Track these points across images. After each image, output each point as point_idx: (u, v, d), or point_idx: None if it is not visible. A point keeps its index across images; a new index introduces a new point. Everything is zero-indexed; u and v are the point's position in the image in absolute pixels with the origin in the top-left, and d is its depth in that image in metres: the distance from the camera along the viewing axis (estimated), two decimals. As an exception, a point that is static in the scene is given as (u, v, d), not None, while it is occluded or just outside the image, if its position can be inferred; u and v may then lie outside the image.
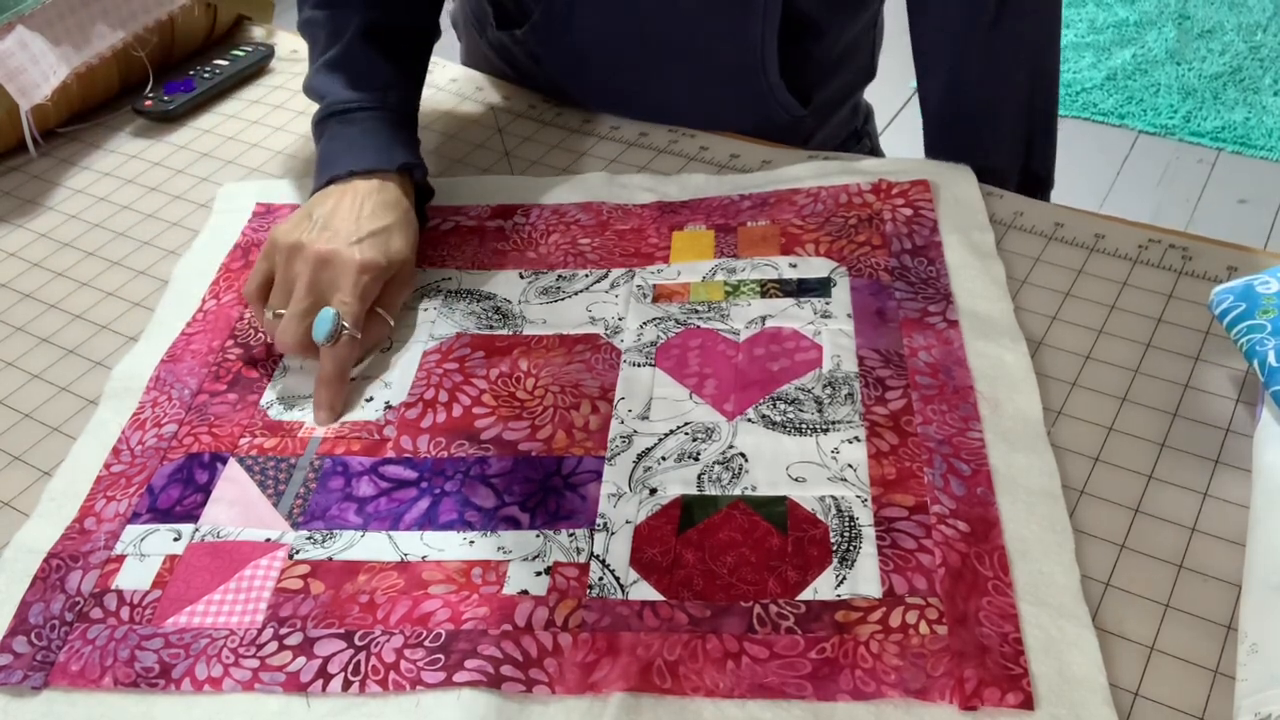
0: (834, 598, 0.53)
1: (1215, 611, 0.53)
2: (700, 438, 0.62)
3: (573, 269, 0.75)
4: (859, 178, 0.79)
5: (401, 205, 0.72)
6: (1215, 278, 0.71)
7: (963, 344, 0.66)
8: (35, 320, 0.77)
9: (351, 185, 0.72)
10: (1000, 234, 0.75)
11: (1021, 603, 0.53)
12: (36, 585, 0.57)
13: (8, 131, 0.92)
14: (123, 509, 0.61)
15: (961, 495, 0.57)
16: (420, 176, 0.76)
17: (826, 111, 0.94)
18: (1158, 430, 0.62)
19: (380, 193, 0.72)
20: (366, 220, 0.69)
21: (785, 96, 0.87)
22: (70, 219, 0.86)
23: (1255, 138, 2.27)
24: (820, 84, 0.91)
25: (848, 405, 0.63)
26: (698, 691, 0.50)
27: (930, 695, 0.49)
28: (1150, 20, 2.64)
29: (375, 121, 0.76)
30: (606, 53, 0.88)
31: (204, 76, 0.99)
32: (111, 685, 0.53)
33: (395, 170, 0.73)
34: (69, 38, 0.90)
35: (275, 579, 0.57)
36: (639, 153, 0.87)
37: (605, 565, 0.56)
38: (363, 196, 0.71)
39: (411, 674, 0.52)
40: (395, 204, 0.72)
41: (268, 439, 0.64)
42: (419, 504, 0.60)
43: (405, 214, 0.72)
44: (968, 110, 0.86)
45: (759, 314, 0.69)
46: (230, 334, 0.72)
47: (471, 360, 0.68)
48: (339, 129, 0.76)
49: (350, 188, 0.71)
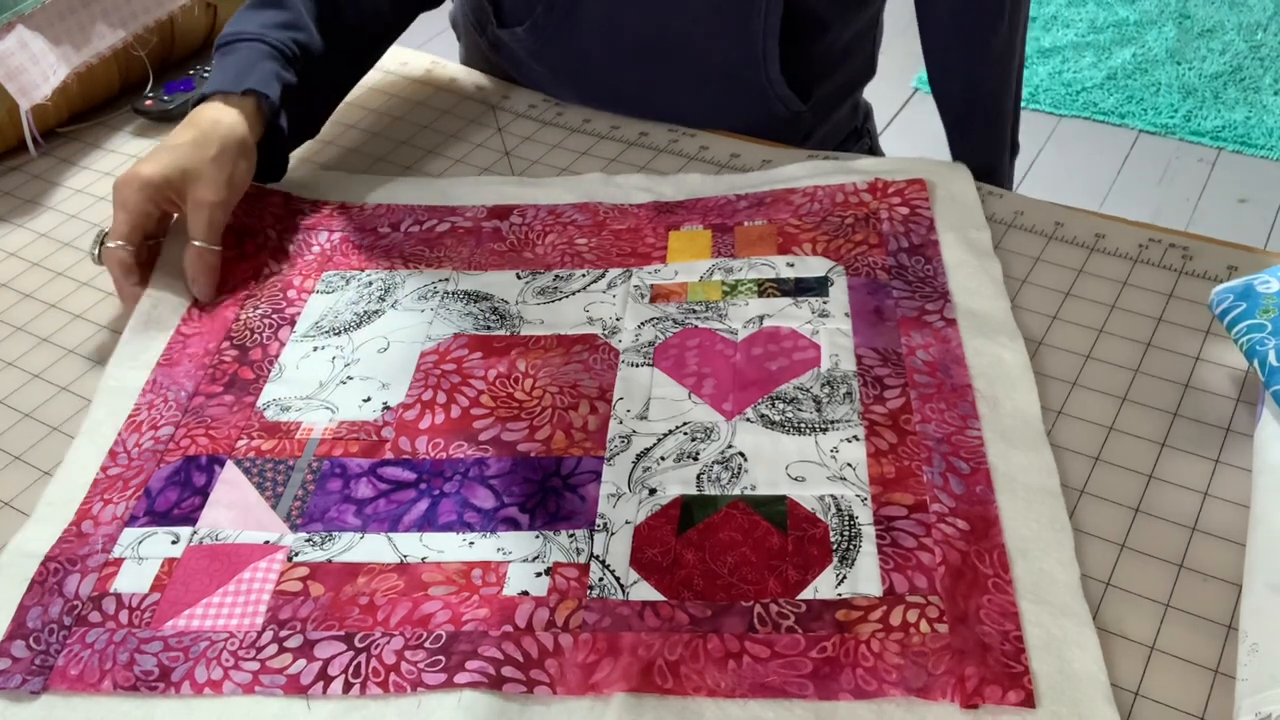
0: (834, 597, 0.53)
1: (1215, 611, 0.53)
2: (699, 437, 0.62)
3: (570, 269, 0.75)
4: (855, 177, 0.79)
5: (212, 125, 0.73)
6: (1215, 277, 0.71)
7: (960, 342, 0.66)
8: (35, 320, 0.77)
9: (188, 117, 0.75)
10: (1000, 233, 0.75)
11: (1022, 601, 0.53)
12: (34, 589, 0.57)
13: (8, 131, 0.92)
14: (120, 512, 0.61)
15: (961, 493, 0.57)
16: (267, 107, 0.77)
17: (827, 108, 0.94)
18: (1158, 430, 0.62)
19: (203, 113, 0.74)
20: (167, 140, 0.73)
21: (785, 92, 0.88)
22: (70, 219, 0.86)
23: (1256, 137, 2.26)
24: (820, 80, 0.91)
25: (846, 404, 0.63)
26: (699, 691, 0.50)
27: (932, 694, 0.49)
28: (1151, 20, 2.64)
29: (250, 51, 0.77)
30: (608, 48, 0.88)
31: (204, 76, 0.99)
32: (111, 689, 0.53)
33: (240, 94, 0.75)
34: (69, 38, 0.90)
35: (274, 581, 0.57)
36: (639, 152, 0.87)
37: (605, 566, 0.56)
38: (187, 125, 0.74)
39: (412, 675, 0.52)
40: (205, 122, 0.73)
41: (265, 441, 0.64)
42: (418, 505, 0.60)
43: (207, 133, 0.73)
44: (983, 107, 0.91)
45: (757, 313, 0.69)
46: (226, 335, 0.72)
47: (469, 361, 0.68)
48: (218, 60, 0.79)
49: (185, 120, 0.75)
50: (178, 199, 0.72)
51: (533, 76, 0.96)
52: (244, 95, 0.75)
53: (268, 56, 0.78)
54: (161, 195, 0.72)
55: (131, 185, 0.70)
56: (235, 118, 0.74)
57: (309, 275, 0.76)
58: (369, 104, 0.96)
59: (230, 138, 0.74)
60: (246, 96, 0.75)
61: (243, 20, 0.80)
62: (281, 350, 0.70)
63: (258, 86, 0.75)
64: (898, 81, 2.47)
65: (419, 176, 0.87)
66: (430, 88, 0.97)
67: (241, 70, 0.76)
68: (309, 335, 0.71)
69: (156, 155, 0.72)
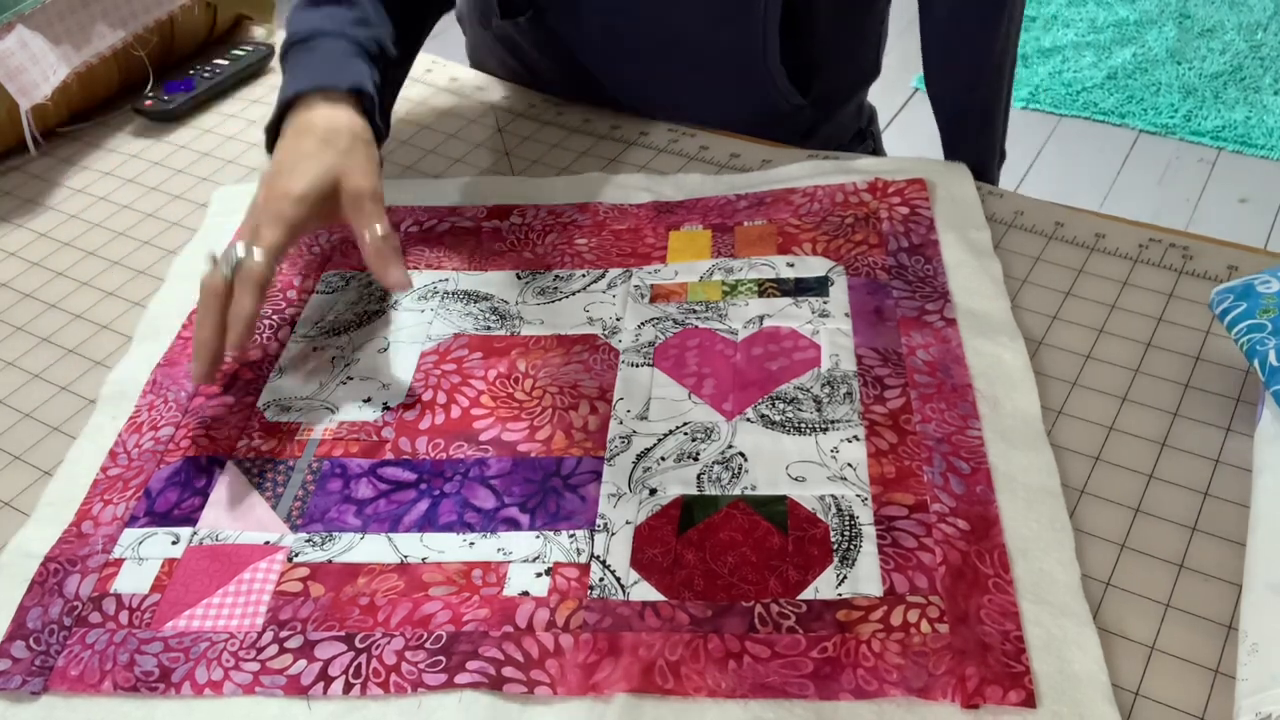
0: (835, 597, 0.53)
1: (1215, 611, 0.53)
2: (699, 437, 0.62)
3: (570, 269, 0.75)
4: (855, 177, 0.79)
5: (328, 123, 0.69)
6: (1215, 277, 0.71)
7: (960, 342, 0.66)
8: (35, 320, 0.77)
9: (295, 122, 0.69)
10: (1001, 233, 0.75)
11: (1022, 601, 0.53)
12: (34, 590, 0.57)
13: (8, 131, 0.92)
14: (120, 513, 0.61)
15: (961, 493, 0.57)
16: (370, 106, 0.72)
17: (830, 106, 0.95)
18: (1158, 430, 0.62)
19: (313, 115, 0.69)
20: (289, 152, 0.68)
21: (785, 84, 0.88)
22: (70, 219, 0.86)
23: (1256, 137, 2.26)
24: (819, 74, 0.91)
25: (846, 404, 0.63)
26: (700, 692, 0.50)
27: (932, 694, 0.49)
28: (1151, 19, 2.64)
29: (336, 47, 0.73)
30: (611, 38, 0.89)
31: (204, 76, 0.99)
32: (111, 690, 0.53)
33: (344, 91, 0.70)
34: (69, 37, 0.90)
35: (275, 582, 0.57)
36: (639, 152, 0.87)
37: (606, 566, 0.56)
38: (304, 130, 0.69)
39: (413, 676, 0.52)
40: (320, 122, 0.69)
41: (265, 441, 0.64)
42: (418, 505, 0.60)
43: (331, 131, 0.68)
44: (979, 107, 0.90)
45: (757, 313, 0.69)
46: (229, 335, 0.72)
47: (469, 361, 0.68)
48: (298, 56, 0.73)
49: (293, 126, 0.69)
50: (331, 205, 0.68)
51: (537, 67, 0.96)
52: (348, 93, 0.70)
53: (355, 55, 0.73)
54: (319, 204, 0.67)
55: (287, 200, 0.65)
56: (349, 114, 0.70)
57: (309, 275, 0.76)
58: (369, 104, 0.96)
59: (354, 130, 0.69)
60: (349, 94, 0.71)
61: (310, 18, 0.75)
62: (281, 350, 0.70)
63: (361, 84, 0.71)
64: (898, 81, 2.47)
65: (419, 176, 0.87)
66: (430, 87, 0.97)
67: (335, 67, 0.72)
68: (309, 335, 0.71)
69: (297, 169, 0.66)
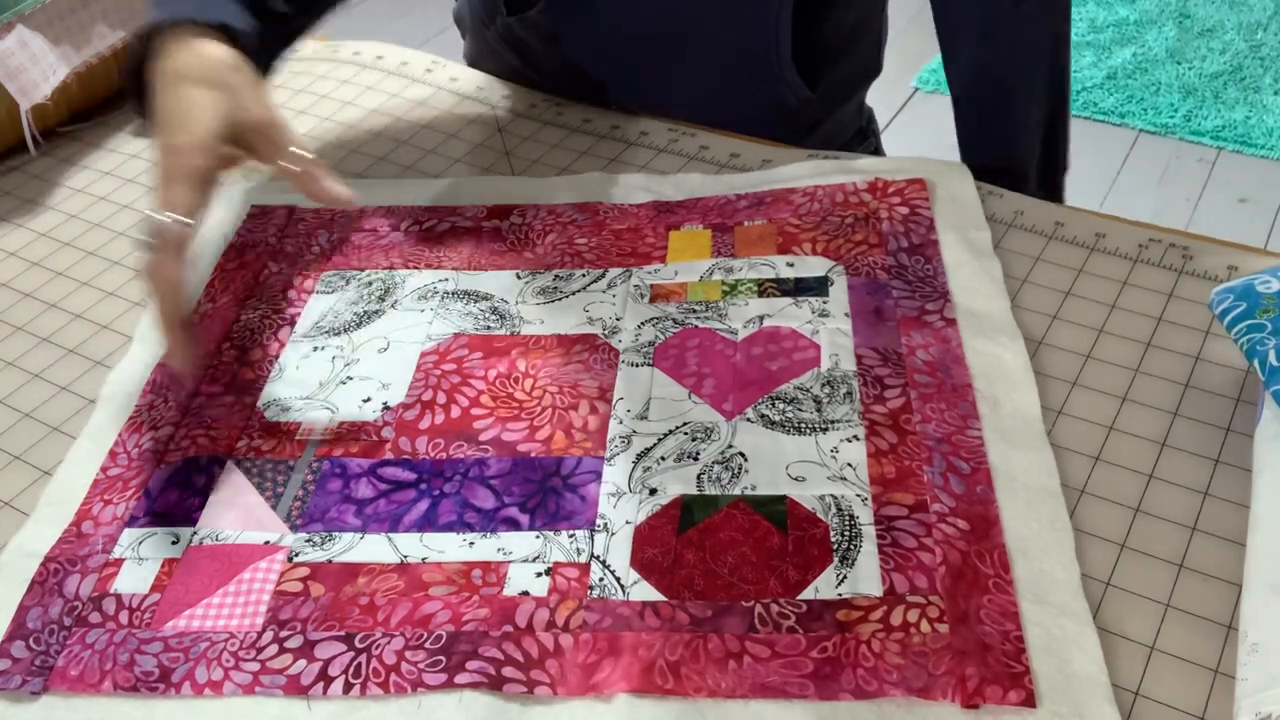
0: (835, 597, 0.53)
1: (1215, 611, 0.53)
2: (699, 437, 0.62)
3: (570, 269, 0.75)
4: (855, 177, 0.79)
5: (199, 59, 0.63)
6: (1215, 277, 0.71)
7: (960, 342, 0.66)
8: (35, 320, 0.77)
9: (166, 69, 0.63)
10: (1001, 233, 0.75)
11: (1022, 601, 0.53)
12: (34, 589, 0.57)
13: (8, 131, 0.92)
14: (120, 512, 0.61)
15: (961, 493, 0.57)
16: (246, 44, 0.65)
17: (833, 101, 0.95)
18: (1158, 430, 0.62)
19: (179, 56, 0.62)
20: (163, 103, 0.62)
21: (794, 78, 0.88)
22: (70, 219, 0.86)
23: (1256, 137, 2.26)
24: (827, 67, 0.91)
25: (846, 404, 0.63)
26: (700, 692, 0.50)
27: (932, 693, 0.49)
28: (1151, 19, 2.64)
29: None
30: (623, 30, 0.89)
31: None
32: (111, 690, 0.53)
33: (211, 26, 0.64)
34: (69, 37, 0.90)
35: (275, 582, 0.57)
36: (639, 152, 0.87)
37: (606, 566, 0.56)
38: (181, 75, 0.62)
39: (413, 676, 0.52)
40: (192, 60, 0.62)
41: (265, 441, 0.64)
42: (418, 505, 0.60)
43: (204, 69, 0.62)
44: (991, 94, 0.89)
45: (757, 313, 0.69)
46: (226, 335, 0.72)
47: (469, 361, 0.68)
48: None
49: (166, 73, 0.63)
50: (236, 145, 0.63)
51: (544, 65, 0.95)
52: (215, 28, 0.64)
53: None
54: (219, 149, 0.62)
55: (188, 153, 0.60)
56: (220, 47, 0.63)
57: (309, 275, 0.76)
58: (368, 104, 0.96)
59: (231, 63, 0.63)
60: (216, 30, 0.64)
61: None
62: (281, 350, 0.70)
63: (227, 21, 0.64)
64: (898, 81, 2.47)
65: (419, 176, 0.87)
66: (430, 87, 0.97)
67: (201, 3, 0.65)
68: (309, 335, 0.71)
69: (189, 117, 0.61)
